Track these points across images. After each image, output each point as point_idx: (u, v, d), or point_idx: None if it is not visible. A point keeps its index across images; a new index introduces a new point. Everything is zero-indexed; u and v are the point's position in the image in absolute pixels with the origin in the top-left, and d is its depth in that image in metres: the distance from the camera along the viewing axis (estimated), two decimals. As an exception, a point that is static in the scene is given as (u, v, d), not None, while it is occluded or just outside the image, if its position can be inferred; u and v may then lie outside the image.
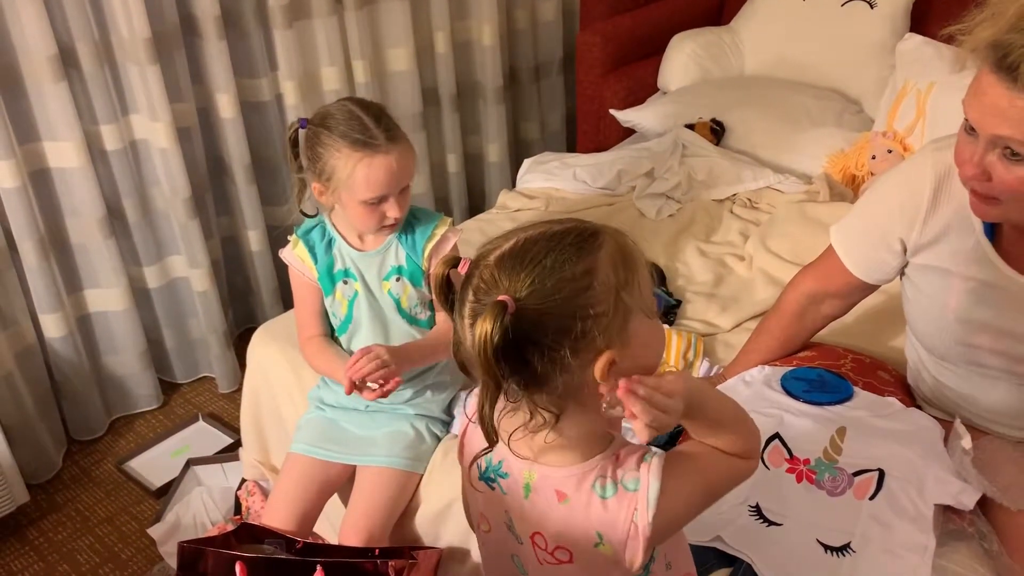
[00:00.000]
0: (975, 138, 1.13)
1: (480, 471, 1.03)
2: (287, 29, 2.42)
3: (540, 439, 0.94)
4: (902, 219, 1.33)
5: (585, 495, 0.94)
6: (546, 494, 0.96)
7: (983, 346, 1.31)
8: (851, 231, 1.45)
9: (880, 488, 1.30)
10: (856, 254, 1.43)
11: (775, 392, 1.45)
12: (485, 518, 1.07)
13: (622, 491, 0.93)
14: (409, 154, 1.48)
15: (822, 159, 2.36)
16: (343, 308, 1.58)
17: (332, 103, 1.51)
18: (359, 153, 1.42)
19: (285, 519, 1.52)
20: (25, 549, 2.11)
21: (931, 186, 1.29)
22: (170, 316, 2.52)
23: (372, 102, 1.50)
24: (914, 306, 1.40)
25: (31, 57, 2.04)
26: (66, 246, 2.27)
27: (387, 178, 1.45)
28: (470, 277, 0.91)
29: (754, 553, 1.25)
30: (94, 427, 2.42)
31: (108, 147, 2.25)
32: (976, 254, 1.27)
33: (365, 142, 1.42)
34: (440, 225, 1.57)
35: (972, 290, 1.29)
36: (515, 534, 1.02)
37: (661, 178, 2.37)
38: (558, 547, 0.97)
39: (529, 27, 3.11)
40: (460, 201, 3.10)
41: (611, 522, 0.93)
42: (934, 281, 1.33)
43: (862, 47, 2.58)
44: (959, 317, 1.31)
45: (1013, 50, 1.04)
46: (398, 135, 1.46)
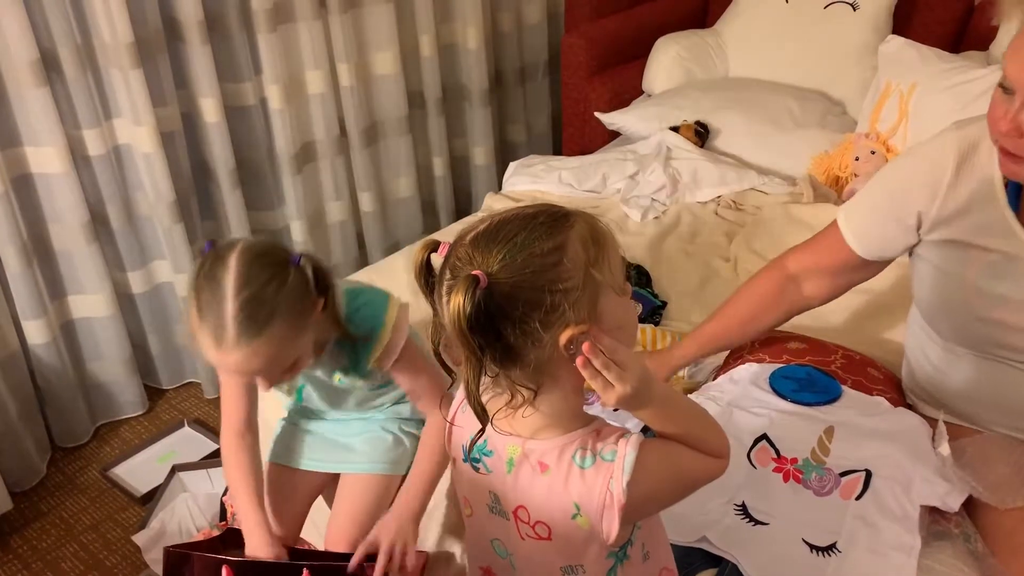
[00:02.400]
0: (1011, 97, 1.12)
1: (465, 453, 1.06)
2: (271, 33, 2.42)
3: (520, 417, 0.98)
4: (922, 193, 1.31)
5: (565, 465, 0.97)
6: (529, 466, 0.99)
7: (1000, 321, 1.29)
8: (859, 207, 1.43)
9: (867, 488, 1.31)
10: (860, 228, 1.41)
11: (763, 391, 1.46)
12: (468, 502, 1.09)
13: (600, 461, 0.96)
14: (258, 358, 1.18)
15: (806, 160, 2.37)
16: (291, 394, 1.52)
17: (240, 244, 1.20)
18: (199, 332, 1.17)
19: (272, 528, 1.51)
20: (9, 557, 2.09)
21: (954, 160, 1.28)
22: (155, 322, 2.51)
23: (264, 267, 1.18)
24: (929, 284, 1.38)
25: (12, 62, 2.02)
26: (49, 252, 2.26)
27: (231, 370, 1.21)
28: (447, 258, 0.95)
29: (740, 553, 1.25)
30: (78, 434, 2.41)
31: (91, 152, 2.23)
32: (1000, 226, 1.26)
33: (206, 328, 1.16)
34: (382, 334, 1.35)
35: (993, 263, 1.28)
36: (500, 512, 1.04)
37: (646, 180, 2.37)
38: (538, 522, 1.00)
39: (514, 30, 3.12)
40: (446, 204, 3.10)
41: (588, 491, 0.96)
42: (952, 255, 1.32)
43: (845, 49, 2.60)
44: (977, 291, 1.30)
45: None
46: (251, 336, 1.15)
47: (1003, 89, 1.15)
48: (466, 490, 1.09)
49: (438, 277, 0.95)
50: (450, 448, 1.12)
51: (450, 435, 1.11)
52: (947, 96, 2.15)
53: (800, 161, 2.38)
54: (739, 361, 1.57)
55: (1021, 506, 1.27)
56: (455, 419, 1.10)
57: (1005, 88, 1.14)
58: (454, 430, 1.10)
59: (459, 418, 1.10)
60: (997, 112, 1.16)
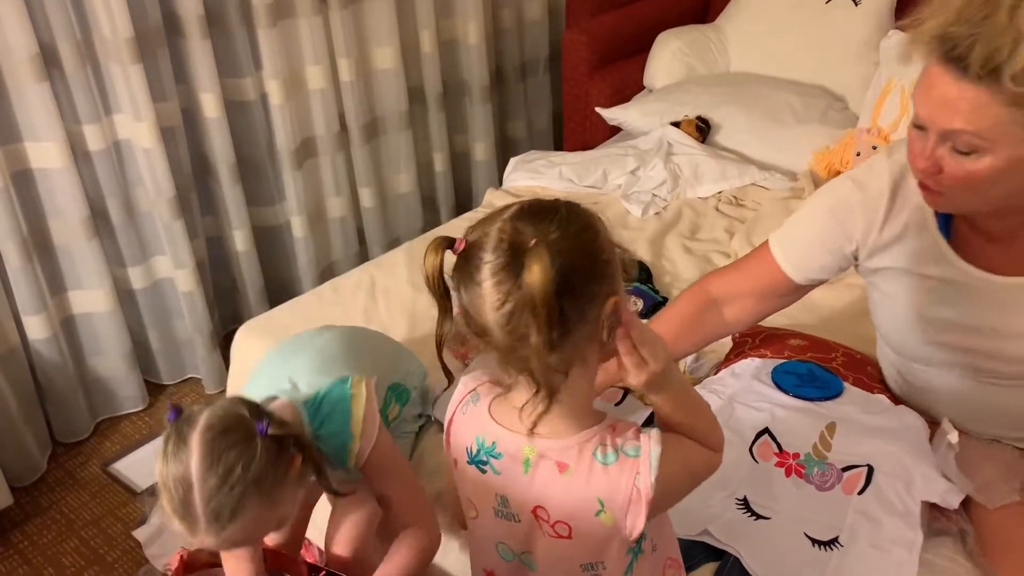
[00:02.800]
0: (924, 133, 1.12)
1: (470, 455, 1.05)
2: (271, 28, 2.41)
3: (538, 412, 0.95)
4: (860, 223, 1.31)
5: (586, 463, 0.97)
6: (547, 467, 0.98)
7: (950, 344, 1.30)
8: (795, 233, 1.41)
9: (869, 484, 1.31)
10: (796, 255, 1.39)
11: (765, 386, 1.46)
12: (472, 504, 1.08)
13: (623, 457, 0.96)
14: (233, 543, 1.14)
15: (807, 156, 2.37)
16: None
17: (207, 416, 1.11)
18: (181, 529, 1.11)
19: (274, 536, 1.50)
20: (9, 552, 2.09)
21: (889, 188, 1.28)
22: (155, 317, 2.51)
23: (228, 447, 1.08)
24: (880, 308, 1.39)
25: (12, 57, 2.02)
26: (49, 247, 2.26)
27: (223, 550, 1.21)
28: (480, 243, 0.92)
29: (742, 547, 1.25)
30: (79, 429, 2.40)
31: (91, 147, 2.23)
32: (933, 253, 1.27)
33: (180, 520, 1.10)
34: (351, 447, 1.28)
35: (932, 289, 1.28)
36: (507, 515, 1.03)
37: (647, 176, 2.37)
38: (559, 521, 0.99)
39: (515, 26, 3.11)
40: (447, 200, 3.10)
41: (613, 488, 0.96)
42: (895, 282, 1.33)
43: (846, 44, 2.59)
44: (924, 316, 1.31)
45: (960, 41, 1.03)
46: (222, 527, 1.08)
47: (916, 128, 1.14)
48: (470, 492, 1.08)
49: (463, 267, 0.93)
50: (449, 451, 1.11)
51: (449, 437, 1.10)
52: (949, 91, 2.14)
53: (801, 156, 2.38)
54: (741, 356, 1.57)
55: (1010, 503, 1.27)
56: (455, 423, 1.09)
57: (918, 127, 1.14)
58: (455, 432, 1.09)
59: (459, 419, 1.09)
60: (914, 149, 1.15)
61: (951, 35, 1.04)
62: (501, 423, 1.02)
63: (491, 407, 1.04)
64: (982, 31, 1.01)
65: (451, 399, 1.11)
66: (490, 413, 1.04)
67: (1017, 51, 0.99)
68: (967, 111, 1.05)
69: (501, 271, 0.89)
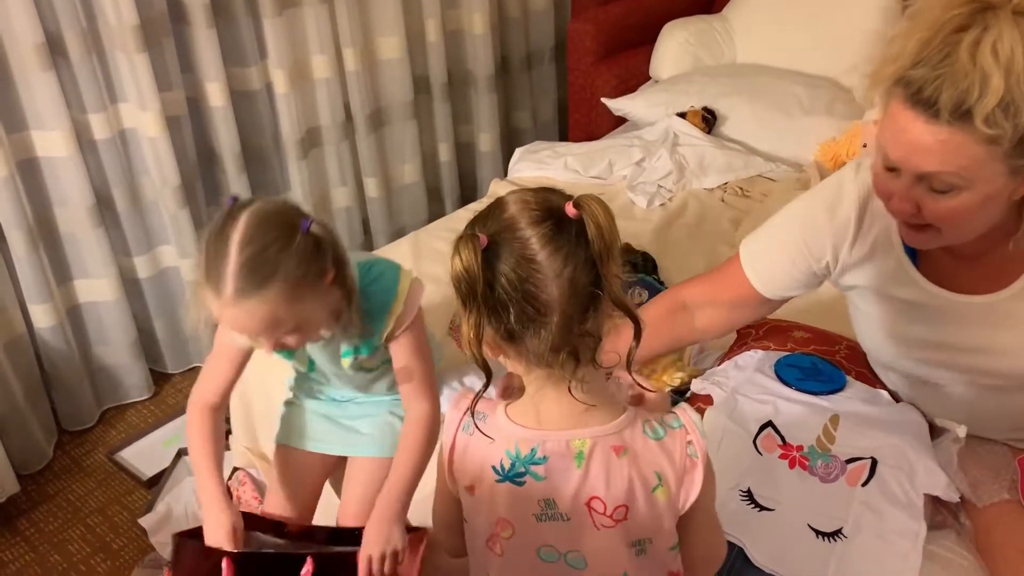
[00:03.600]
0: (898, 174, 1.10)
1: (501, 473, 1.00)
2: (277, 17, 2.41)
3: (576, 404, 0.96)
4: (829, 241, 1.30)
5: (640, 441, 0.99)
6: (603, 453, 0.98)
7: (925, 359, 1.31)
8: (763, 245, 1.40)
9: (872, 476, 1.31)
10: (765, 270, 1.38)
11: (768, 378, 1.45)
12: (507, 523, 1.03)
13: (671, 430, 1.00)
14: (257, 317, 1.18)
15: (813, 147, 2.36)
16: (301, 366, 1.50)
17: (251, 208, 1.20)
18: (204, 287, 1.19)
19: (289, 509, 1.52)
20: (16, 540, 2.10)
21: (857, 208, 1.27)
22: (161, 306, 2.51)
23: (271, 226, 1.18)
24: (858, 323, 1.40)
25: (18, 45, 2.02)
26: (55, 236, 2.26)
27: (233, 326, 1.23)
28: (509, 226, 0.92)
29: (746, 538, 1.25)
30: (85, 417, 2.41)
31: (97, 136, 2.23)
32: (899, 274, 1.26)
33: (209, 280, 1.17)
34: (393, 309, 1.35)
35: (901, 310, 1.28)
36: (556, 515, 1.01)
37: (652, 167, 2.37)
38: (617, 506, 0.99)
39: (521, 15, 3.10)
40: (452, 191, 3.10)
41: (669, 459, 0.98)
42: (867, 300, 1.33)
43: (854, 35, 2.58)
44: (896, 334, 1.31)
45: (926, 84, 1.01)
46: (251, 292, 1.16)
47: (888, 169, 1.12)
48: (503, 511, 1.02)
49: (504, 251, 0.91)
50: (455, 480, 1.05)
51: (452, 465, 1.05)
52: (956, 83, 2.13)
53: (807, 148, 2.37)
54: (744, 348, 1.56)
55: (998, 501, 1.28)
56: (459, 449, 1.04)
57: (890, 168, 1.11)
58: (462, 458, 1.04)
59: (465, 443, 1.04)
60: (888, 190, 1.13)
61: (914, 78, 1.02)
62: (536, 426, 0.99)
63: (510, 415, 1.01)
64: (945, 72, 0.99)
65: (444, 425, 1.06)
66: (513, 421, 1.01)
67: (986, 92, 0.97)
68: (942, 152, 1.03)
69: (554, 238, 0.90)
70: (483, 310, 0.92)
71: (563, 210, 0.91)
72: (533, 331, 0.92)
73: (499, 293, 0.91)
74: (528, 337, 0.92)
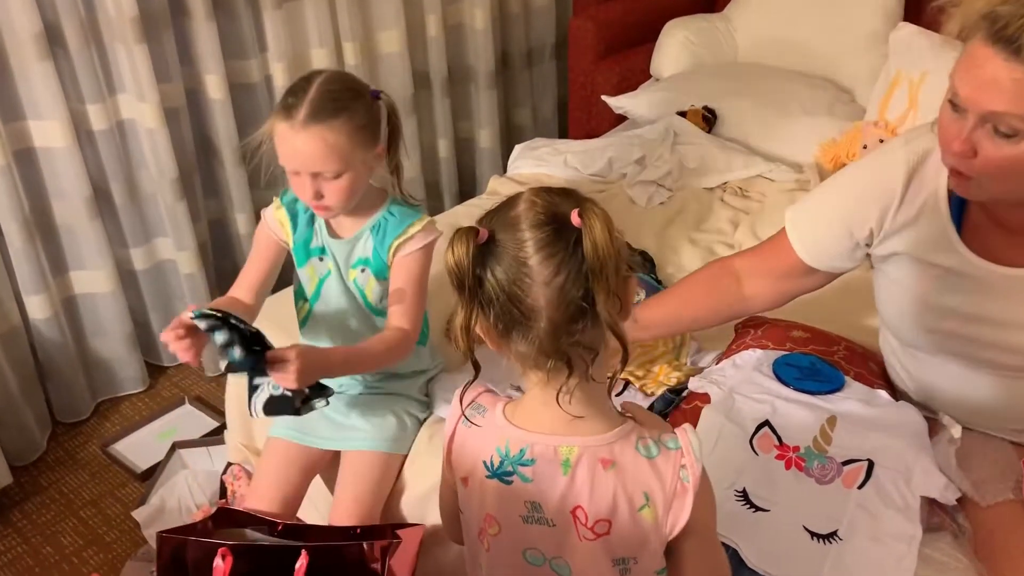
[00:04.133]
0: (962, 115, 1.11)
1: (490, 469, 1.01)
2: (277, 9, 2.40)
3: (561, 413, 0.95)
4: (875, 209, 1.30)
5: (630, 457, 0.97)
6: (589, 464, 0.97)
7: (952, 331, 1.30)
8: (808, 213, 1.41)
9: (869, 478, 1.31)
10: (809, 237, 1.39)
11: (766, 378, 1.45)
12: (494, 519, 1.03)
13: (665, 450, 0.97)
14: (320, 145, 1.35)
15: (813, 148, 2.36)
16: (313, 284, 1.56)
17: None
18: (276, 117, 1.37)
19: (268, 502, 1.51)
20: (8, 531, 2.10)
21: (905, 175, 1.27)
22: (157, 299, 2.50)
23: (339, 80, 1.41)
24: (884, 293, 1.39)
25: (16, 35, 2.01)
26: (52, 227, 2.25)
27: (292, 153, 1.37)
28: (511, 224, 0.91)
29: (740, 539, 1.25)
30: (79, 409, 2.40)
31: (95, 127, 2.22)
32: (942, 241, 1.27)
33: (286, 109, 1.36)
34: (415, 224, 1.49)
35: (938, 276, 1.28)
36: (542, 519, 1.00)
37: (652, 165, 2.36)
38: (599, 520, 0.97)
39: (522, 12, 3.10)
40: (450, 186, 3.09)
41: (659, 480, 0.96)
42: (902, 268, 1.32)
43: (855, 36, 2.58)
44: (927, 303, 1.31)
45: (1012, 20, 1.01)
46: (323, 119, 1.34)
47: (952, 106, 1.12)
48: (492, 507, 1.03)
49: (500, 249, 0.91)
50: (453, 470, 1.07)
51: (451, 455, 1.06)
52: (958, 85, 2.13)
53: (807, 148, 2.36)
54: (742, 346, 1.56)
55: (1002, 501, 1.27)
56: (458, 440, 1.05)
57: (955, 106, 1.12)
58: (460, 448, 1.05)
59: (464, 434, 1.05)
60: (949, 132, 1.14)
61: (1001, 14, 1.02)
62: (527, 428, 0.99)
63: (507, 414, 1.02)
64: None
65: (448, 414, 1.08)
66: (508, 420, 1.01)
67: None
68: (1014, 92, 1.04)
69: (549, 244, 0.89)
70: (472, 304, 0.92)
71: (568, 216, 0.89)
72: (520, 333, 0.91)
73: (487, 290, 0.91)
74: (516, 338, 0.92)
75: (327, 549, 1.32)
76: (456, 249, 0.90)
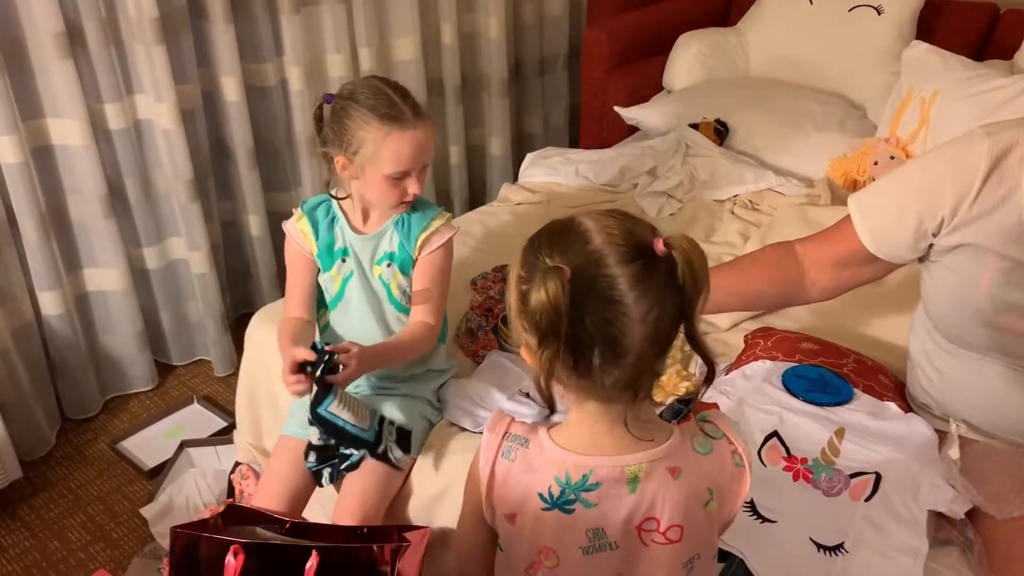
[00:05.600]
0: None
1: (549, 500, 0.98)
2: (295, 14, 2.42)
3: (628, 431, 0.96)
4: (951, 197, 1.30)
5: (691, 459, 0.98)
6: (658, 476, 0.97)
7: (1007, 327, 1.30)
8: (875, 200, 1.41)
9: (876, 491, 1.31)
10: (874, 221, 1.39)
11: (775, 388, 1.46)
12: (551, 552, 1.00)
13: (715, 442, 0.99)
14: (432, 131, 1.49)
15: (824, 163, 2.37)
16: (336, 285, 1.60)
17: (358, 79, 1.53)
18: (387, 127, 1.44)
19: (277, 500, 1.52)
20: (16, 525, 2.11)
21: (986, 166, 1.27)
22: (168, 298, 2.52)
23: (395, 82, 1.51)
24: (939, 287, 1.38)
25: (37, 33, 2.03)
26: (66, 224, 2.27)
27: (412, 153, 1.46)
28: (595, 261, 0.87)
29: (747, 549, 1.25)
30: (88, 406, 2.42)
31: (112, 126, 2.24)
32: (1016, 234, 1.26)
33: (394, 116, 1.44)
34: (438, 218, 1.56)
35: (1007, 270, 1.28)
36: (604, 544, 0.99)
37: (663, 176, 2.37)
38: (671, 527, 0.98)
39: (536, 21, 3.12)
40: (461, 193, 3.11)
41: (718, 471, 0.99)
42: (968, 259, 1.32)
43: (868, 53, 2.59)
44: (989, 296, 1.30)
45: None
46: (423, 112, 1.48)
47: None
48: (550, 539, 0.99)
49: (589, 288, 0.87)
50: (502, 508, 1.02)
51: (492, 493, 1.02)
52: (969, 104, 2.14)
53: (819, 163, 2.38)
54: (752, 358, 1.57)
55: (1018, 516, 1.27)
56: (499, 477, 1.01)
57: None
58: (504, 485, 1.00)
59: (507, 469, 1.00)
60: None
61: None
62: (589, 452, 0.96)
63: (558, 442, 0.98)
64: None
65: (482, 453, 1.03)
66: (561, 447, 0.98)
67: None
68: None
69: (643, 280, 0.86)
70: (562, 346, 0.87)
71: (651, 246, 0.87)
72: (606, 370, 0.89)
73: (580, 332, 0.87)
74: (598, 374, 0.89)
75: (338, 550, 1.32)
76: (550, 290, 0.84)
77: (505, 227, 2.23)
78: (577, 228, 0.90)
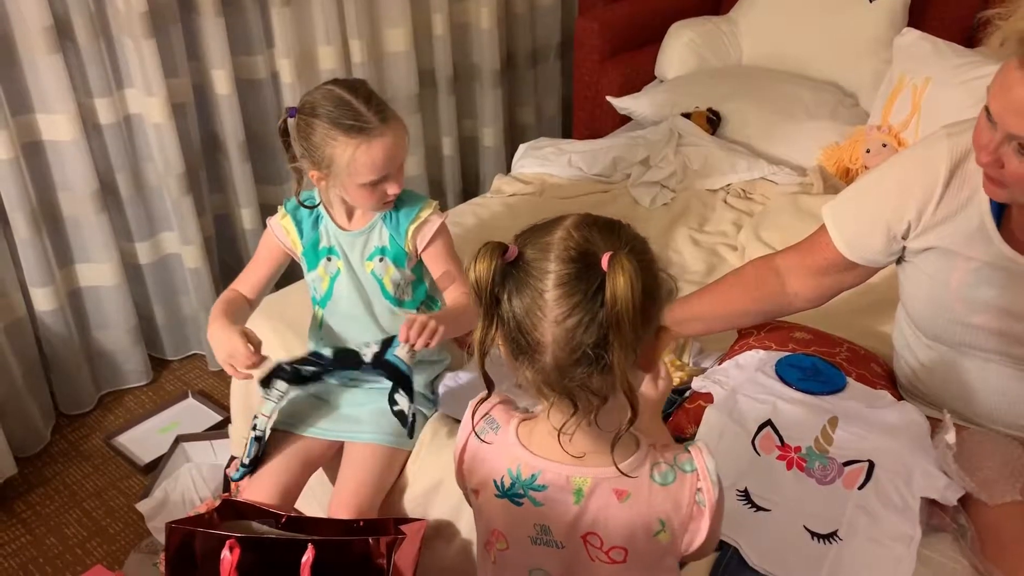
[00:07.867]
0: (994, 127, 1.14)
1: (500, 489, 1.00)
2: (285, 6, 2.41)
3: (580, 442, 0.94)
4: (914, 202, 1.32)
5: (645, 486, 0.96)
6: (602, 495, 0.96)
7: (982, 325, 1.32)
8: (847, 207, 1.43)
9: (869, 479, 1.32)
10: (847, 229, 1.41)
11: (769, 378, 1.46)
12: (502, 535, 1.03)
13: (681, 474, 0.96)
14: (402, 132, 1.47)
15: (816, 151, 2.37)
16: (324, 284, 1.60)
17: (316, 88, 1.47)
18: (355, 139, 1.41)
19: (268, 493, 1.52)
20: (12, 522, 2.11)
21: (947, 168, 1.29)
22: (161, 292, 2.52)
23: (357, 81, 1.48)
24: (913, 287, 1.40)
25: (26, 28, 2.02)
26: (58, 219, 2.26)
27: (385, 159, 1.44)
28: (541, 251, 0.87)
29: (741, 538, 1.26)
30: (83, 401, 2.42)
31: (102, 121, 2.23)
32: (981, 235, 1.28)
33: (360, 128, 1.41)
34: (425, 208, 1.56)
35: (975, 270, 1.30)
36: (550, 541, 1.00)
37: (656, 166, 2.37)
38: (614, 547, 0.97)
39: (527, 11, 3.11)
40: (454, 184, 3.10)
41: (675, 506, 0.96)
42: (937, 261, 1.34)
43: (859, 41, 2.59)
44: (960, 297, 1.32)
45: None
46: (389, 114, 1.45)
47: (988, 113, 1.15)
48: (501, 524, 1.02)
49: (524, 274, 0.87)
50: (465, 481, 1.06)
51: (462, 465, 1.06)
52: (961, 91, 2.14)
53: (811, 152, 2.38)
54: (745, 347, 1.57)
55: (1010, 502, 1.28)
56: (470, 452, 1.04)
57: (990, 114, 1.15)
58: (472, 461, 1.04)
59: (476, 448, 1.03)
60: (981, 140, 1.17)
61: None
62: (540, 454, 0.98)
63: (519, 435, 1.00)
64: None
65: (461, 425, 1.07)
66: (521, 442, 1.00)
67: None
68: None
69: (570, 282, 0.85)
70: (488, 320, 0.89)
71: (598, 257, 0.85)
72: (527, 361, 0.89)
73: (502, 311, 0.89)
74: (523, 364, 0.90)
75: (333, 543, 1.33)
76: (479, 265, 0.87)
77: (498, 219, 2.23)
78: (556, 220, 0.91)
